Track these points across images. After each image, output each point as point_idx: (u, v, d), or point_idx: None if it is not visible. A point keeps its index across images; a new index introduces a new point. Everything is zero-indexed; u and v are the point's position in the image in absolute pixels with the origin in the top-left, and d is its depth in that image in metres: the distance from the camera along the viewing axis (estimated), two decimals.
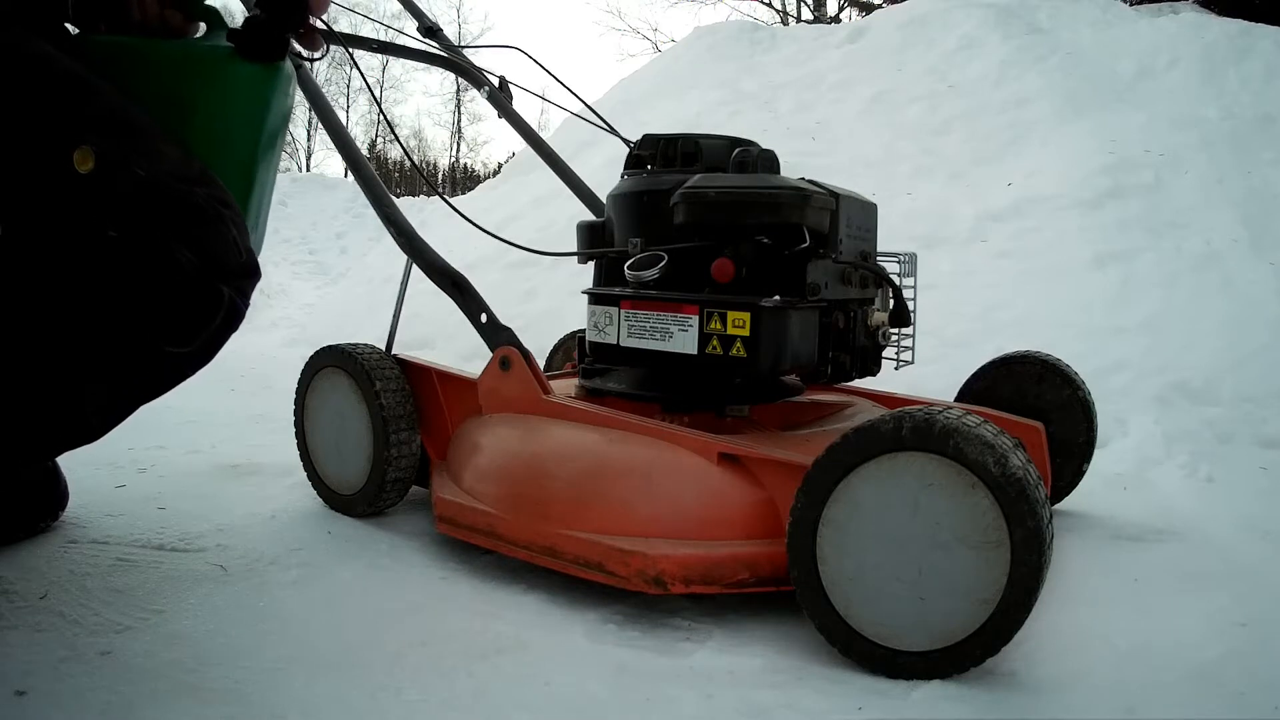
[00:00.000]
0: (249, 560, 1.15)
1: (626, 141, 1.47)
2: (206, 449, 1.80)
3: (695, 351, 1.12)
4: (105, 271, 0.75)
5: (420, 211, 6.53)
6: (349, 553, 1.20)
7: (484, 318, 1.27)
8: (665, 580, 0.96)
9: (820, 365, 1.18)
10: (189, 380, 0.90)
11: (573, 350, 1.92)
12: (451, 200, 2.41)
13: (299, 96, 1.15)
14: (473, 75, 1.86)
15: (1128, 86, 3.53)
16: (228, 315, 0.84)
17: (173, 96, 0.91)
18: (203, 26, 0.98)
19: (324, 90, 1.45)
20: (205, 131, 0.92)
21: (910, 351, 1.32)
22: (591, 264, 1.44)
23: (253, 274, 0.88)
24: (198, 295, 0.80)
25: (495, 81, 1.85)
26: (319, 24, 1.02)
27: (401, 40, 1.90)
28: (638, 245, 1.22)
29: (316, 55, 1.01)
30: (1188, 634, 0.99)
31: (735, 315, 1.09)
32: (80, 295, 0.75)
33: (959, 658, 0.84)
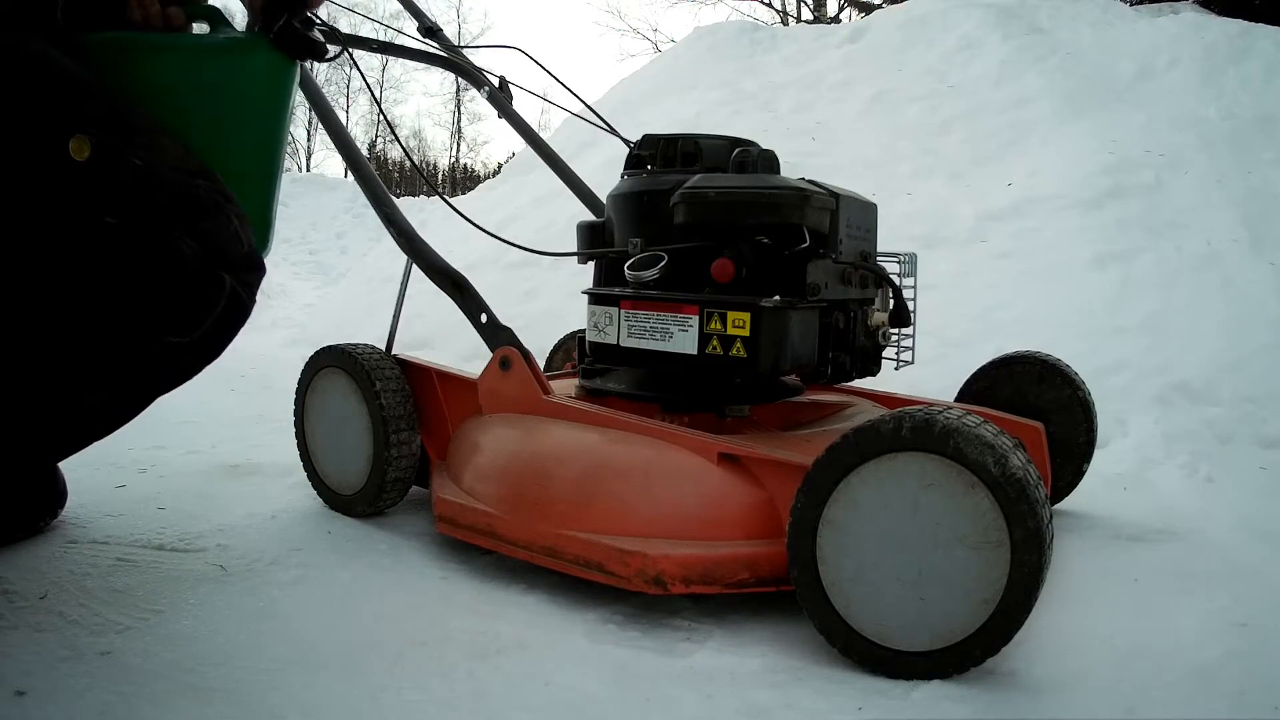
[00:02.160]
0: (249, 560, 1.15)
1: (626, 141, 1.47)
2: (206, 449, 1.80)
3: (695, 351, 1.12)
4: (104, 258, 0.75)
5: (420, 211, 6.53)
6: (349, 553, 1.20)
7: (484, 318, 1.27)
8: (665, 580, 0.96)
9: (820, 365, 1.18)
10: (189, 380, 0.90)
11: (573, 350, 1.92)
12: (451, 200, 2.42)
13: (299, 96, 1.15)
14: (473, 75, 1.86)
15: (1128, 86, 3.53)
16: (230, 306, 0.84)
17: (188, 89, 0.92)
18: (199, 27, 0.99)
19: (324, 90, 1.45)
20: (215, 128, 0.93)
21: (910, 351, 1.32)
22: (591, 264, 1.44)
23: (256, 267, 0.88)
24: (198, 282, 0.80)
25: (495, 81, 1.85)
26: (319, 21, 1.03)
27: (401, 40, 1.90)
28: (638, 245, 1.21)
29: (329, 55, 1.04)
30: (1188, 634, 0.99)
31: (735, 315, 1.09)
32: (80, 283, 0.75)
33: (959, 658, 0.84)
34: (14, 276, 0.73)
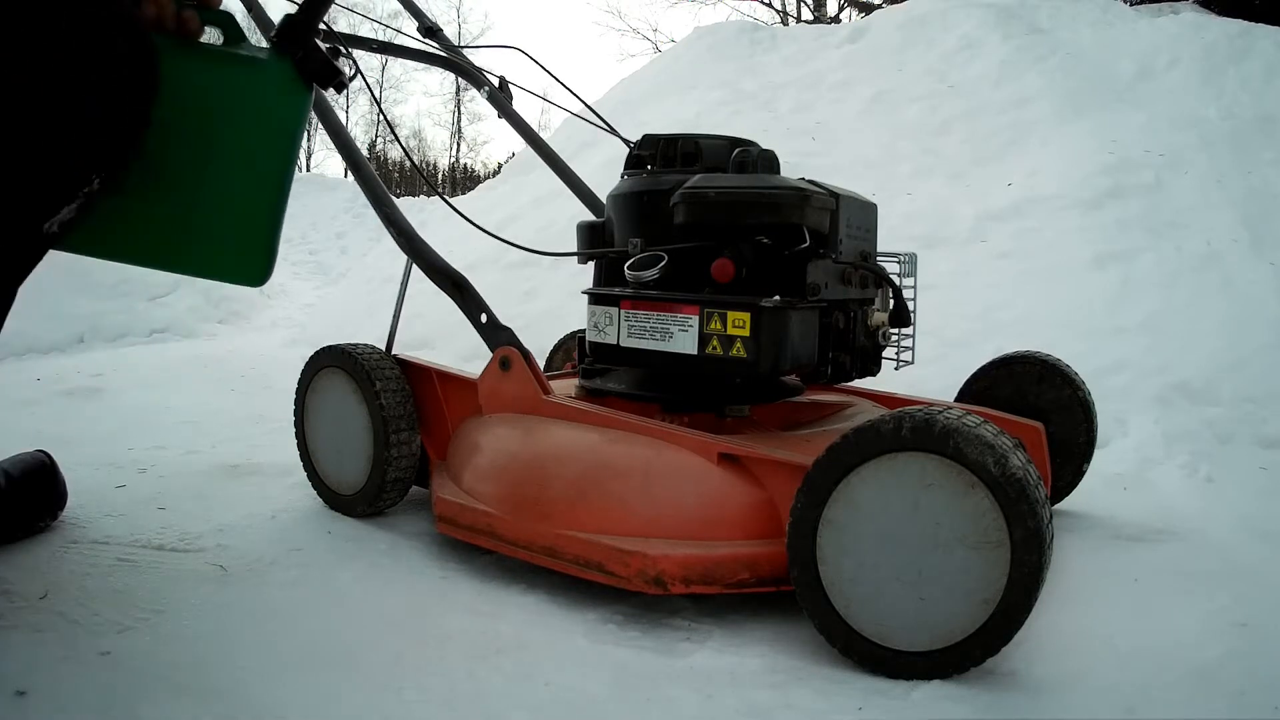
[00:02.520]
0: (249, 560, 1.15)
1: (626, 141, 1.47)
2: (206, 449, 1.80)
3: (695, 352, 1.12)
4: None
5: (420, 211, 6.53)
6: (349, 553, 1.20)
7: (484, 318, 1.27)
8: (665, 580, 0.96)
9: (820, 365, 1.18)
10: (189, 381, 0.90)
11: (573, 350, 1.92)
12: (451, 200, 2.42)
13: None
14: (473, 75, 1.86)
15: (1128, 86, 3.53)
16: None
17: (193, 102, 0.89)
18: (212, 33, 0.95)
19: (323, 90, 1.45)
20: (220, 145, 0.91)
21: (910, 351, 1.32)
22: (591, 264, 1.44)
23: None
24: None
25: (495, 81, 1.85)
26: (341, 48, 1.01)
27: (401, 40, 1.90)
28: (638, 245, 1.21)
29: (349, 76, 1.01)
30: (1188, 634, 0.99)
31: (735, 315, 1.09)
32: None
33: (959, 658, 0.84)
34: None
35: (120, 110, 0.81)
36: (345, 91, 1.04)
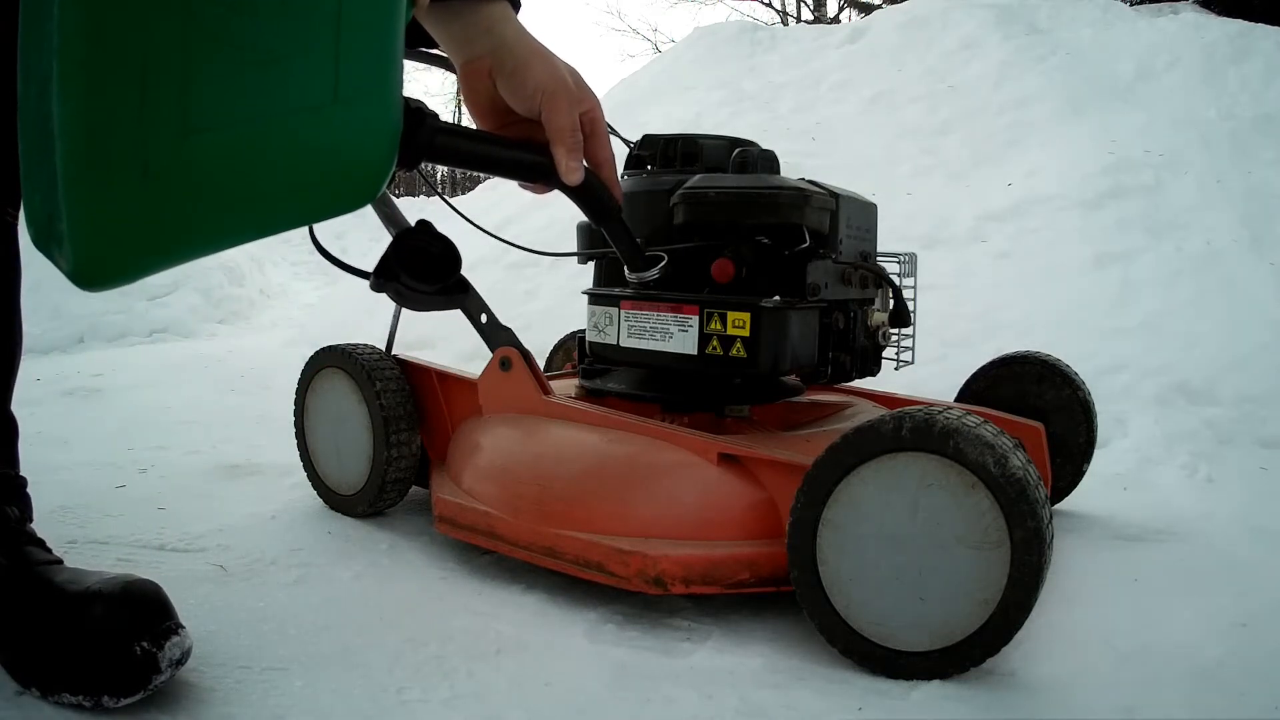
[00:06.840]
0: (249, 560, 1.15)
1: (626, 142, 1.47)
2: (207, 449, 1.80)
3: (695, 352, 1.12)
4: None
5: (420, 212, 6.51)
6: (349, 553, 1.20)
7: (484, 318, 1.27)
8: (665, 580, 0.96)
9: (820, 365, 1.18)
10: (189, 380, 0.90)
11: (573, 350, 1.92)
12: (451, 200, 2.42)
13: None
14: None
15: (1128, 86, 3.53)
16: None
17: None
18: None
19: None
20: None
21: (910, 352, 1.32)
22: (591, 264, 1.44)
23: None
24: None
25: None
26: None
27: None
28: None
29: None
30: (1188, 634, 0.99)
31: (735, 315, 1.09)
32: None
33: (959, 658, 0.84)
34: None
35: None
36: None
